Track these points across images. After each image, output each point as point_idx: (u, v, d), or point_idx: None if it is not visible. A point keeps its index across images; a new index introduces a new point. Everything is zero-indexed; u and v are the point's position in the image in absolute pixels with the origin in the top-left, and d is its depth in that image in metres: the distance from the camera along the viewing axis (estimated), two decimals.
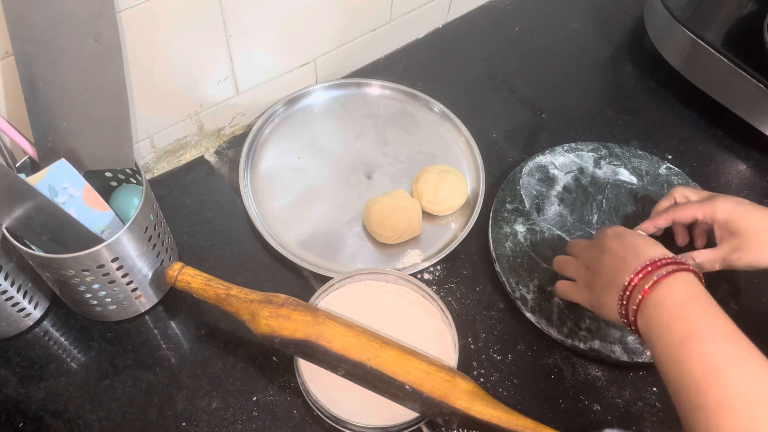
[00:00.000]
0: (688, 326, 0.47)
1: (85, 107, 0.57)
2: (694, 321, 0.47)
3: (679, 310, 0.48)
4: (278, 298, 0.58)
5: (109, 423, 0.60)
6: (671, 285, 0.49)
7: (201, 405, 0.61)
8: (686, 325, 0.47)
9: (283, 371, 0.63)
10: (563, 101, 0.87)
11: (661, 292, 0.49)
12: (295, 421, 0.61)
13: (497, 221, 0.73)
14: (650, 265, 0.51)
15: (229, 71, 0.73)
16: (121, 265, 0.58)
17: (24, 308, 0.62)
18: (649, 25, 0.90)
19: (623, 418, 0.62)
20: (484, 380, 0.64)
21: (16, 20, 0.52)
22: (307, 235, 0.72)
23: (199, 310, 0.67)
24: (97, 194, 0.58)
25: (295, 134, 0.81)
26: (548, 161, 0.78)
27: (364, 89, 0.85)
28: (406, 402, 0.57)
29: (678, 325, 0.47)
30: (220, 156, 0.79)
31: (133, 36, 0.61)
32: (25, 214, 0.53)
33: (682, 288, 0.49)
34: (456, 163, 0.79)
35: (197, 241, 0.72)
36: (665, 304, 0.49)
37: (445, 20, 0.95)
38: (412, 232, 0.71)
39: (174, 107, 0.73)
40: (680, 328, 0.47)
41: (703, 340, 0.46)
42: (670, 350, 0.47)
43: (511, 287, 0.68)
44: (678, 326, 0.47)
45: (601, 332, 0.65)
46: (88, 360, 0.63)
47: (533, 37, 0.95)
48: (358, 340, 0.57)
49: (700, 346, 0.45)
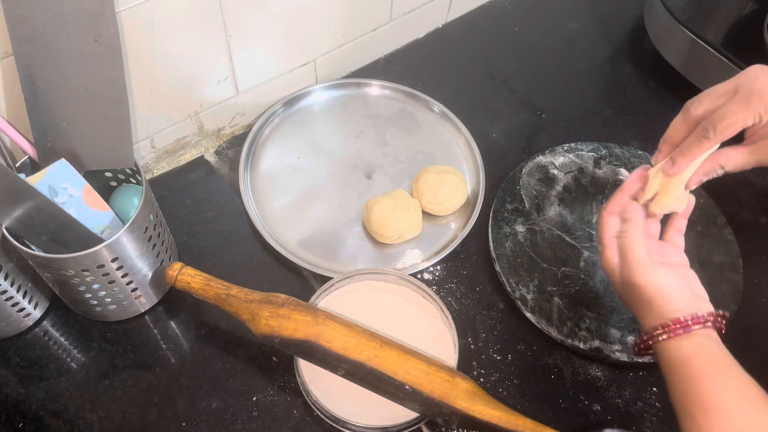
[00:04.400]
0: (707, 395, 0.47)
1: (85, 107, 0.57)
2: (713, 389, 0.47)
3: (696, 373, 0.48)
4: (278, 298, 0.58)
5: (109, 423, 0.60)
6: (686, 340, 0.50)
7: (201, 405, 0.61)
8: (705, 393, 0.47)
9: (283, 371, 0.63)
10: (563, 101, 0.87)
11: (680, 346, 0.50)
12: (295, 421, 0.61)
13: (497, 221, 0.73)
14: (673, 325, 0.50)
15: (229, 71, 0.73)
16: (121, 265, 0.58)
17: (24, 308, 0.62)
18: (649, 25, 0.90)
19: (623, 418, 0.62)
20: (484, 380, 0.64)
21: (16, 20, 0.52)
22: (307, 235, 0.72)
23: (199, 310, 0.67)
24: (97, 194, 0.58)
25: (295, 134, 0.81)
26: (548, 161, 0.78)
27: (364, 89, 0.85)
28: (406, 402, 0.57)
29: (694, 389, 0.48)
30: (220, 156, 0.79)
31: (133, 36, 0.61)
32: (25, 214, 0.53)
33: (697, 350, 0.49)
34: (456, 163, 0.79)
35: (197, 241, 0.72)
36: (686, 358, 0.49)
37: (445, 20, 0.95)
38: (412, 232, 0.71)
39: (174, 107, 0.73)
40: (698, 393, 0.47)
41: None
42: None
43: (511, 287, 0.68)
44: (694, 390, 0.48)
45: (601, 332, 0.65)
46: (88, 360, 0.63)
47: (533, 37, 0.95)
48: (358, 340, 0.57)
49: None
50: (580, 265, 0.70)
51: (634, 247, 0.54)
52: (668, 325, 0.50)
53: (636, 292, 0.53)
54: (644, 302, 0.53)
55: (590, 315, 0.66)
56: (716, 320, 0.51)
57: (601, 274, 0.69)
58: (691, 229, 0.73)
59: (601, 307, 0.67)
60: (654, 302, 0.52)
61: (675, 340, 0.50)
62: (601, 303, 0.67)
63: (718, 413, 0.45)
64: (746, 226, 0.76)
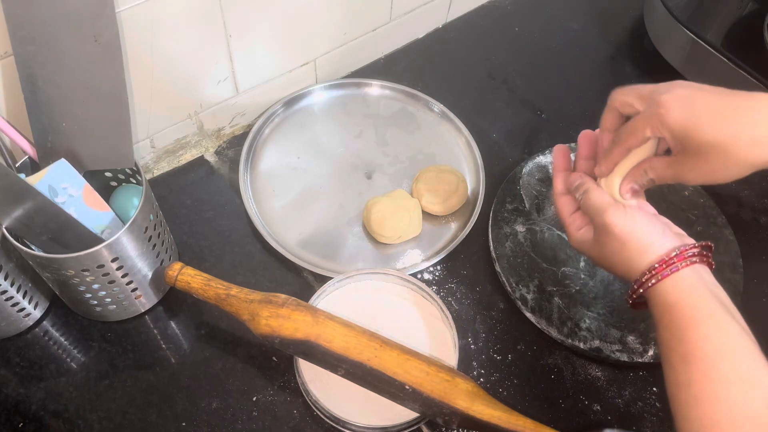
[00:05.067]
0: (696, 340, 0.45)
1: (85, 107, 0.57)
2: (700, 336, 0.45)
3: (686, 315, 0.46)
4: (278, 298, 0.58)
5: (109, 423, 0.60)
6: (674, 283, 0.48)
7: (201, 405, 0.61)
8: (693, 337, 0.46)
9: (283, 371, 0.63)
10: (563, 101, 0.87)
11: (669, 286, 0.48)
12: (295, 421, 0.61)
13: (497, 221, 0.73)
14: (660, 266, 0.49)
15: (229, 71, 0.73)
16: (121, 265, 0.58)
17: (24, 308, 0.62)
18: (649, 25, 0.90)
19: (623, 418, 0.62)
20: (484, 380, 0.64)
21: (16, 20, 0.52)
22: (307, 235, 0.72)
23: (199, 310, 0.67)
24: (97, 194, 0.58)
25: (295, 134, 0.81)
26: (548, 161, 0.78)
27: (364, 89, 0.85)
28: (406, 402, 0.57)
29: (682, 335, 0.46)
30: (220, 156, 0.79)
31: (133, 36, 0.61)
32: (25, 214, 0.53)
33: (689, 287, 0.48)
34: (456, 163, 0.79)
35: (197, 241, 0.72)
36: (673, 302, 0.47)
37: (445, 20, 0.95)
38: (412, 232, 0.71)
39: (174, 107, 0.73)
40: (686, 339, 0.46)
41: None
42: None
43: (511, 287, 0.68)
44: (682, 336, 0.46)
45: (601, 332, 0.65)
46: (88, 360, 0.63)
47: (533, 37, 0.95)
48: (358, 340, 0.57)
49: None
50: (580, 265, 0.70)
51: (594, 195, 0.53)
52: (653, 267, 0.48)
53: (611, 243, 0.51)
54: (622, 248, 0.50)
55: (590, 315, 0.66)
56: (702, 254, 0.49)
57: (602, 274, 0.69)
58: (691, 229, 0.73)
59: (601, 307, 0.67)
60: (630, 245, 0.50)
61: (664, 284, 0.48)
62: (601, 303, 0.67)
63: (698, 365, 0.44)
64: (746, 226, 0.76)
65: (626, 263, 0.51)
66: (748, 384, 0.43)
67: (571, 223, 0.57)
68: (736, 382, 0.43)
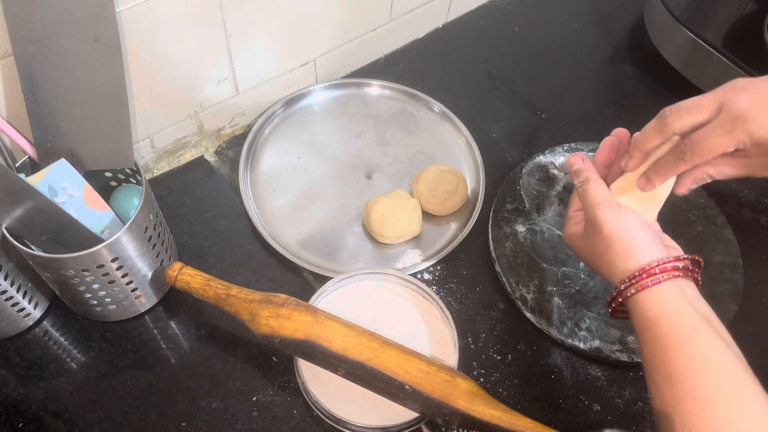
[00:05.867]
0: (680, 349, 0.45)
1: (85, 107, 0.57)
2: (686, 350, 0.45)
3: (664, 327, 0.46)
4: (278, 298, 0.58)
5: (109, 423, 0.60)
6: (655, 296, 0.47)
7: (201, 405, 0.61)
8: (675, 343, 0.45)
9: (283, 371, 0.63)
10: (563, 101, 0.87)
11: (648, 299, 0.47)
12: (295, 421, 0.61)
13: (497, 221, 0.73)
14: (640, 274, 0.48)
15: (229, 71, 0.73)
16: (120, 265, 0.58)
17: (24, 308, 0.62)
18: (649, 25, 0.90)
19: (623, 418, 0.62)
20: (484, 380, 0.64)
21: (16, 20, 0.52)
22: (307, 235, 0.72)
23: (199, 310, 0.67)
24: (96, 194, 0.58)
25: (295, 134, 0.81)
26: (548, 161, 0.78)
27: (364, 89, 0.85)
28: (406, 402, 0.57)
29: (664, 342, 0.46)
30: (220, 156, 0.79)
31: (133, 36, 0.61)
32: (25, 214, 0.53)
33: (666, 301, 0.47)
34: (456, 163, 0.79)
35: (197, 241, 0.72)
36: (654, 318, 0.47)
37: (445, 20, 0.95)
38: (412, 232, 0.71)
39: (174, 107, 0.73)
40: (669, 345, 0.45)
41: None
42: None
43: (511, 287, 0.68)
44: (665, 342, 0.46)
45: (601, 332, 0.65)
46: (88, 360, 0.63)
47: (533, 37, 0.95)
48: (357, 340, 0.57)
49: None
50: (580, 265, 0.70)
51: (592, 187, 0.52)
52: (634, 276, 0.47)
53: (597, 240, 0.50)
54: (607, 249, 0.49)
55: (590, 315, 0.66)
56: (688, 269, 0.48)
57: None
58: (691, 229, 0.73)
59: (601, 307, 0.67)
60: (616, 247, 0.48)
61: (644, 296, 0.47)
62: (601, 303, 0.67)
63: (682, 383, 0.43)
64: (746, 226, 0.76)
65: (609, 264, 0.50)
66: (735, 404, 0.42)
67: (572, 217, 0.57)
68: (723, 403, 0.42)
